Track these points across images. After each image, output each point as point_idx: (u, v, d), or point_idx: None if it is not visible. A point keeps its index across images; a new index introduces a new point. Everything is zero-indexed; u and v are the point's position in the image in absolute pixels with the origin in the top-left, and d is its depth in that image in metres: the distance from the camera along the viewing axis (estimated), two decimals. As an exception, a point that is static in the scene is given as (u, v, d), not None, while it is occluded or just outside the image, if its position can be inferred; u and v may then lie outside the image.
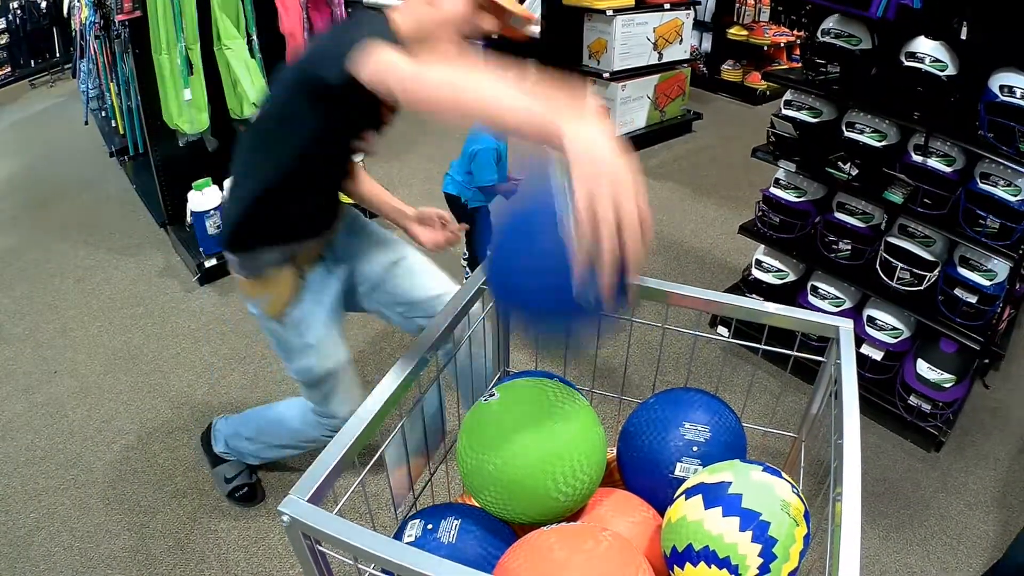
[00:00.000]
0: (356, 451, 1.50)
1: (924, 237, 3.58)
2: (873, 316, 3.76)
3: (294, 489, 1.39)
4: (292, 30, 4.60)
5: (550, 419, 1.63)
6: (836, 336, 1.88)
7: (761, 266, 4.16)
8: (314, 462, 1.44)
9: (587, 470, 1.65)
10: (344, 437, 1.50)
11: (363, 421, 1.54)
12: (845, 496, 1.41)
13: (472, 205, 4.38)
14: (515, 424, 1.62)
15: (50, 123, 8.39)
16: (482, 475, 1.63)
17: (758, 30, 8.64)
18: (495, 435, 1.62)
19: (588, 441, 1.67)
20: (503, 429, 1.62)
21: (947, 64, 3.25)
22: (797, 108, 3.82)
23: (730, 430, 1.89)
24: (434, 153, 6.97)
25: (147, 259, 5.22)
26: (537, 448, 1.60)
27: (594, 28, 6.66)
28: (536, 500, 1.61)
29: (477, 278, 1.98)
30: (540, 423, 1.62)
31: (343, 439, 1.49)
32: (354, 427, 1.52)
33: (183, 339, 4.33)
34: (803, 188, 3.96)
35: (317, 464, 1.44)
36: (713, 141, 7.50)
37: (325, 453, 1.46)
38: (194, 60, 4.41)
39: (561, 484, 1.60)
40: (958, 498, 3.33)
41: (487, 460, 1.61)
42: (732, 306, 1.98)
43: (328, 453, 1.47)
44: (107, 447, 3.57)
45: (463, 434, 1.70)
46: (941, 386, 3.51)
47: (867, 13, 3.23)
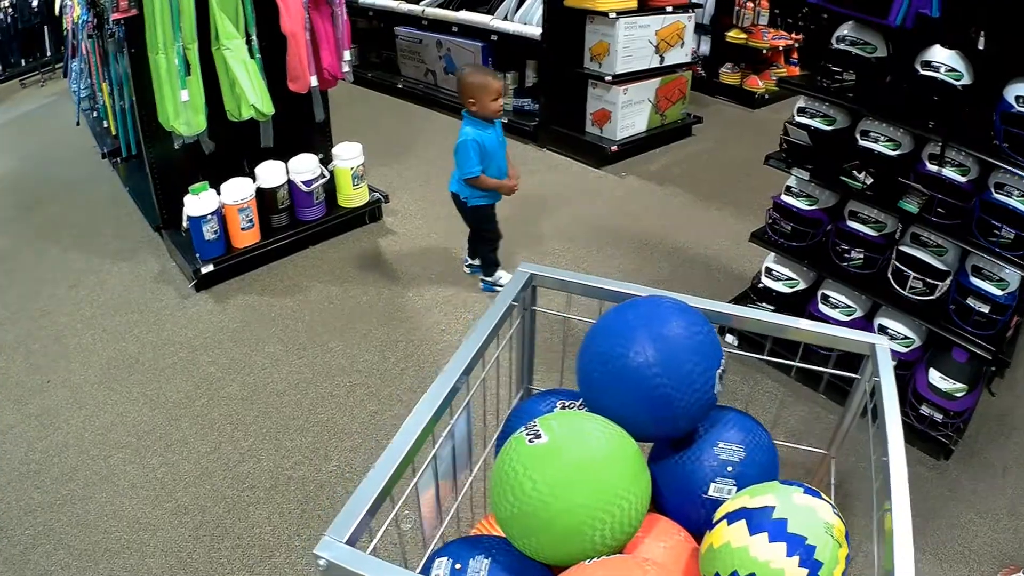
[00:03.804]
0: (392, 487, 1.44)
1: (936, 246, 3.52)
2: (884, 325, 3.71)
3: (330, 530, 1.33)
4: (293, 30, 4.53)
5: (603, 467, 1.58)
6: (872, 353, 1.87)
7: (771, 274, 4.11)
8: (350, 499, 1.38)
9: (638, 518, 1.61)
10: (379, 473, 1.43)
11: (399, 453, 1.49)
12: (895, 511, 1.44)
13: (471, 203, 4.39)
14: (567, 473, 1.55)
15: (40, 124, 8.30)
16: (525, 524, 1.56)
17: (757, 33, 8.58)
18: (546, 484, 1.54)
19: (640, 487, 1.62)
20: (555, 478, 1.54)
21: (962, 73, 3.20)
22: (811, 115, 3.74)
23: (764, 448, 1.86)
24: (434, 156, 6.94)
25: (141, 264, 5.14)
26: (591, 500, 1.53)
27: (596, 31, 6.59)
28: (582, 548, 1.55)
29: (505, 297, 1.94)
30: (594, 471, 1.56)
31: (379, 476, 1.43)
32: (390, 461, 1.45)
33: (179, 348, 4.25)
34: (815, 196, 3.90)
35: (354, 502, 1.39)
36: (712, 145, 7.45)
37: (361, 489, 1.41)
38: (191, 60, 4.31)
39: (615, 533, 1.55)
40: (968, 507, 3.28)
41: (534, 511, 1.54)
42: (764, 322, 1.97)
43: (364, 490, 1.41)
44: (104, 461, 3.49)
45: (504, 479, 1.60)
46: (953, 395, 3.46)
47: (886, 21, 3.16)
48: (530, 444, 1.60)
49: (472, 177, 4.25)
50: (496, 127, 4.35)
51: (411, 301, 4.67)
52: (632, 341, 1.73)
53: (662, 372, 1.69)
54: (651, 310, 1.82)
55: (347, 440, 3.57)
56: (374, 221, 5.64)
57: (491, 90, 4.18)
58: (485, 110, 4.21)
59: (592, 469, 1.55)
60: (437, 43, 8.11)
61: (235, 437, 3.61)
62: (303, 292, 4.77)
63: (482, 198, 4.43)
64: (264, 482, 3.35)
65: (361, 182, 5.40)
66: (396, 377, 3.98)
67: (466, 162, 4.23)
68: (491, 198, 4.47)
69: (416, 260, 5.16)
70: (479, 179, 4.27)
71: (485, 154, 4.25)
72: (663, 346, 1.72)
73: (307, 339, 4.29)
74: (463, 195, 4.41)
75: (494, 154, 4.31)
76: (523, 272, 2.10)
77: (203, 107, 4.44)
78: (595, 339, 1.84)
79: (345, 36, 4.91)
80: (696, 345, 1.74)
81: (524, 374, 2.29)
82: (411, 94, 8.63)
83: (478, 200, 4.42)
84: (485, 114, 4.23)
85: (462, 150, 4.23)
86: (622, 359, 1.73)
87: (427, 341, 4.27)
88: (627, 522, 1.56)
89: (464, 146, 4.21)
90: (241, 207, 4.73)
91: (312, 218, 5.22)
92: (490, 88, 4.17)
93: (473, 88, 4.19)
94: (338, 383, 3.94)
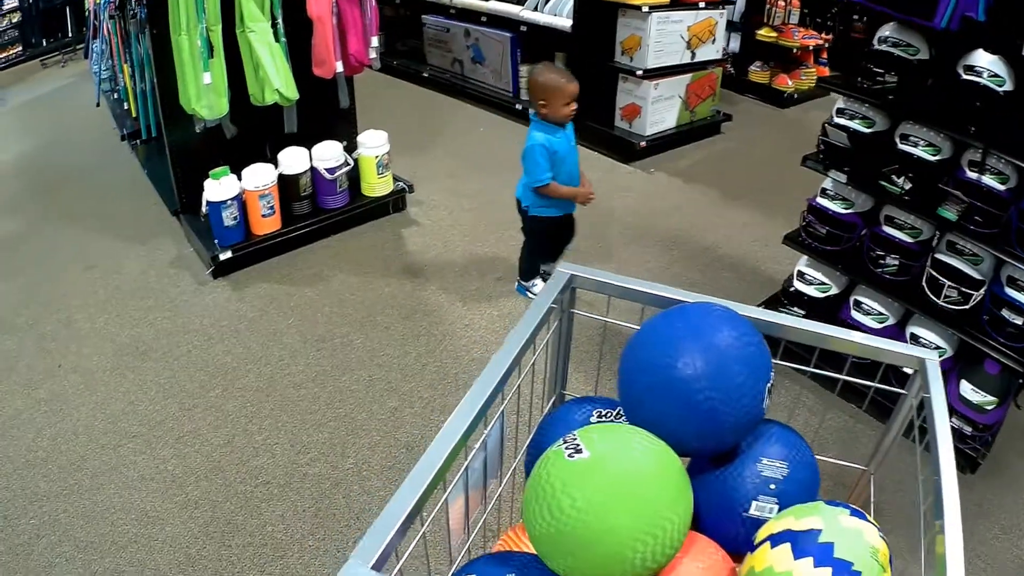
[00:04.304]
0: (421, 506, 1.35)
1: (972, 255, 3.42)
2: (917, 334, 3.62)
3: (356, 553, 1.23)
4: (320, 14, 4.46)
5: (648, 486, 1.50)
6: (921, 368, 1.81)
7: (803, 278, 4.01)
8: (378, 518, 1.28)
9: (680, 539, 1.52)
10: (409, 492, 1.34)
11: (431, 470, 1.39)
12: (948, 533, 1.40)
13: (532, 212, 4.21)
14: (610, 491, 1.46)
15: (60, 104, 8.24)
16: (562, 544, 1.47)
17: (787, 32, 8.50)
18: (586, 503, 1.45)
19: (685, 507, 1.54)
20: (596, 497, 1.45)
21: (1005, 79, 3.11)
22: (850, 117, 3.63)
23: (806, 465, 1.78)
24: (457, 150, 6.88)
25: (158, 249, 5.06)
26: (635, 521, 1.45)
27: (628, 24, 6.49)
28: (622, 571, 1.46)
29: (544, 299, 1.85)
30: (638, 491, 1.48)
31: (408, 495, 1.33)
32: (420, 479, 1.36)
33: (195, 336, 4.17)
34: (851, 199, 3.80)
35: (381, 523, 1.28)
36: (741, 143, 7.36)
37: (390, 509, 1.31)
38: (215, 42, 4.23)
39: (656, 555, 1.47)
40: (993, 522, 3.20)
41: (572, 530, 1.45)
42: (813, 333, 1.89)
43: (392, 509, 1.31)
44: (113, 450, 3.42)
45: (541, 494, 1.51)
46: (984, 408, 3.38)
47: (931, 23, 3.05)
48: (570, 459, 1.51)
49: (541, 185, 4.04)
50: (568, 131, 4.12)
51: (434, 294, 4.59)
52: (680, 351, 1.65)
53: (710, 385, 1.61)
54: (701, 318, 1.73)
55: (365, 437, 3.49)
56: (398, 211, 5.56)
57: (565, 93, 3.91)
58: (556, 114, 3.94)
59: (636, 488, 1.47)
60: (465, 32, 8.02)
61: (249, 430, 3.53)
62: (323, 282, 4.69)
63: (544, 208, 4.21)
64: (278, 478, 3.27)
65: (386, 171, 5.32)
66: (417, 373, 3.90)
67: (535, 168, 4.01)
68: (557, 209, 4.26)
69: (440, 252, 5.08)
70: (549, 187, 4.04)
71: (555, 160, 4.02)
72: (713, 357, 1.63)
73: (326, 331, 4.21)
74: (525, 202, 4.22)
75: (565, 159, 4.07)
76: (563, 273, 2.01)
77: (226, 90, 4.37)
78: (640, 347, 1.75)
79: (373, 22, 4.83)
80: (747, 357, 1.66)
81: (558, 379, 2.21)
82: (437, 83, 8.55)
83: (540, 211, 4.21)
84: (556, 118, 3.97)
85: (530, 155, 3.99)
86: (669, 370, 1.64)
87: (450, 336, 4.19)
88: (669, 544, 1.48)
89: (532, 151, 3.98)
90: (262, 193, 4.66)
91: (335, 206, 5.14)
92: (564, 91, 3.91)
93: (545, 89, 3.93)
94: (357, 377, 3.86)
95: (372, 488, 3.22)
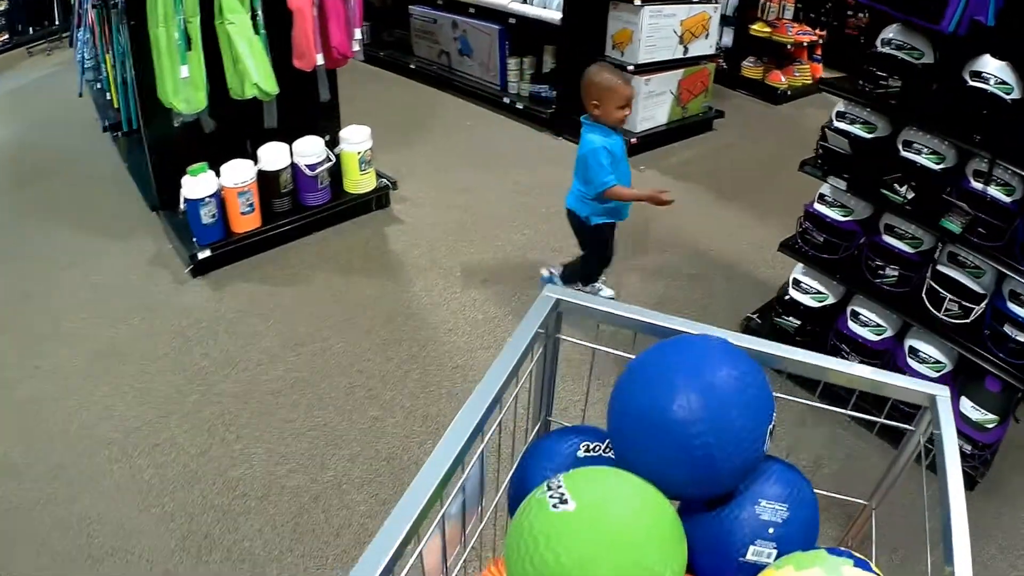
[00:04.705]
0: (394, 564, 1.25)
1: (974, 267, 3.34)
2: (916, 347, 3.53)
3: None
4: (300, 6, 4.35)
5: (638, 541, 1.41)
6: (931, 404, 1.72)
7: (799, 286, 3.92)
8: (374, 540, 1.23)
9: None
10: (381, 548, 1.24)
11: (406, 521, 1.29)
12: None
13: (594, 222, 4.05)
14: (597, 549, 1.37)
15: (45, 93, 8.10)
16: None
17: (781, 27, 8.45)
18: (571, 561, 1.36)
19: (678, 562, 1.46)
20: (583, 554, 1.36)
21: (1013, 87, 3.01)
22: (850, 121, 3.53)
23: (806, 504, 1.67)
24: (443, 144, 6.80)
25: (137, 245, 4.94)
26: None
27: (619, 18, 6.41)
28: None
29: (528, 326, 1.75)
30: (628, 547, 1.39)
31: (380, 551, 1.23)
32: (392, 535, 1.26)
33: (173, 337, 4.07)
34: (850, 207, 3.70)
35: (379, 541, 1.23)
36: (734, 141, 7.29)
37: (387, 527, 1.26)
38: (193, 34, 4.12)
39: None
40: (990, 541, 3.15)
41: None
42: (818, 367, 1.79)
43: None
44: (89, 458, 3.33)
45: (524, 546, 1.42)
46: (984, 427, 3.31)
47: (938, 27, 2.94)
48: (555, 510, 1.41)
49: (606, 188, 3.85)
50: (620, 135, 3.96)
51: (417, 297, 4.49)
52: (675, 391, 1.52)
53: (707, 430, 1.49)
54: (697, 354, 1.61)
55: (345, 448, 3.40)
56: (381, 208, 5.45)
57: (620, 95, 3.77)
58: (609, 117, 3.81)
59: (626, 545, 1.38)
60: (452, 24, 7.88)
61: (227, 439, 3.44)
62: (303, 282, 4.59)
63: (605, 216, 4.06)
64: (256, 490, 3.19)
65: (368, 167, 5.22)
66: (399, 380, 3.80)
67: (599, 172, 3.81)
68: (615, 215, 4.10)
69: (424, 252, 4.97)
70: (613, 189, 3.85)
71: (614, 161, 3.88)
72: (711, 399, 1.51)
73: (306, 334, 4.11)
74: (584, 213, 4.03)
75: (620, 163, 3.93)
76: (548, 297, 1.89)
77: (204, 84, 4.26)
78: (631, 385, 1.63)
79: (357, 13, 4.73)
80: (748, 399, 1.54)
81: (543, 405, 2.10)
82: (424, 75, 8.42)
83: (601, 218, 4.05)
84: (609, 121, 3.83)
85: (592, 159, 3.81)
86: (662, 412, 1.52)
87: (433, 342, 4.09)
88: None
89: (595, 154, 3.80)
90: (241, 190, 4.54)
91: (316, 203, 5.03)
92: (619, 93, 3.77)
93: (599, 90, 3.79)
94: (337, 384, 3.77)
95: (352, 503, 3.14)
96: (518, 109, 7.34)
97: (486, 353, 4.00)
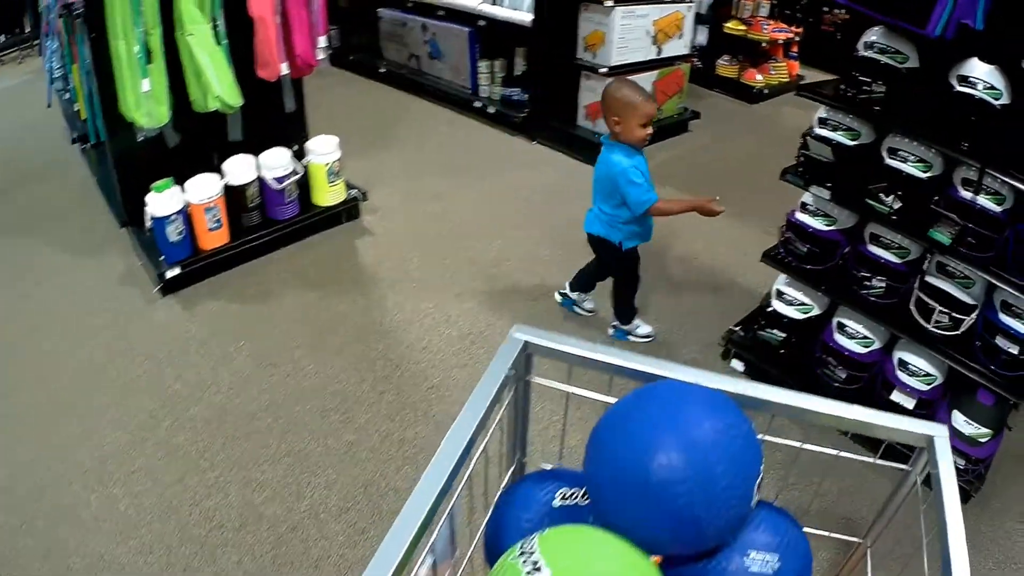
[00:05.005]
0: None
1: (964, 277, 3.24)
2: (905, 360, 3.43)
3: None
4: (262, 14, 4.22)
5: None
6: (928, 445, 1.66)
7: (783, 298, 3.83)
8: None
9: None
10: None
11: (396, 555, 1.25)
12: None
13: (627, 246, 3.89)
14: None
15: (14, 103, 7.97)
16: None
17: (756, 25, 8.42)
18: None
19: None
20: None
21: (1002, 92, 2.91)
22: (833, 128, 3.43)
23: (798, 552, 1.58)
24: (414, 150, 6.72)
25: (107, 262, 4.82)
26: None
27: (591, 19, 6.32)
28: None
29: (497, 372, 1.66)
30: None
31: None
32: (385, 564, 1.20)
33: (144, 360, 3.96)
34: (833, 215, 3.60)
35: None
36: (710, 142, 7.23)
37: None
38: (153, 47, 4.00)
39: None
40: (986, 556, 3.09)
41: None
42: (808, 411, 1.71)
43: None
44: (67, 487, 3.24)
45: None
46: (977, 441, 3.23)
47: (923, 31, 2.82)
48: (528, 579, 1.31)
49: (652, 205, 3.66)
50: (643, 155, 3.75)
51: (389, 312, 4.39)
52: (655, 448, 1.41)
53: (691, 489, 1.38)
54: (679, 405, 1.50)
55: (321, 475, 3.31)
56: (351, 220, 5.35)
57: (641, 112, 3.57)
58: (631, 135, 3.61)
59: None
60: (422, 27, 7.79)
61: (201, 467, 3.34)
62: (274, 299, 4.49)
63: (636, 239, 3.90)
64: (233, 520, 3.10)
65: (337, 178, 5.11)
66: (374, 402, 3.71)
67: (638, 191, 3.64)
68: (645, 236, 3.94)
69: (396, 264, 4.88)
70: (657, 206, 3.67)
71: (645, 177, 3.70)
72: (694, 456, 1.40)
73: (277, 354, 4.01)
74: (617, 239, 3.86)
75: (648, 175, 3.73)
76: (517, 339, 1.78)
77: (167, 98, 4.15)
78: (608, 441, 1.52)
79: (321, 20, 4.62)
80: (734, 454, 1.43)
81: (517, 447, 1.99)
82: (394, 79, 8.31)
83: (632, 241, 3.89)
84: (630, 139, 3.63)
85: (624, 179, 3.63)
86: (643, 471, 1.41)
87: (407, 360, 4.00)
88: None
89: (626, 174, 3.62)
90: (208, 206, 4.42)
91: (285, 217, 4.92)
92: (640, 110, 3.57)
93: (620, 106, 3.60)
94: (311, 407, 3.66)
95: (330, 533, 3.06)
96: (490, 113, 7.26)
97: (462, 372, 3.91)
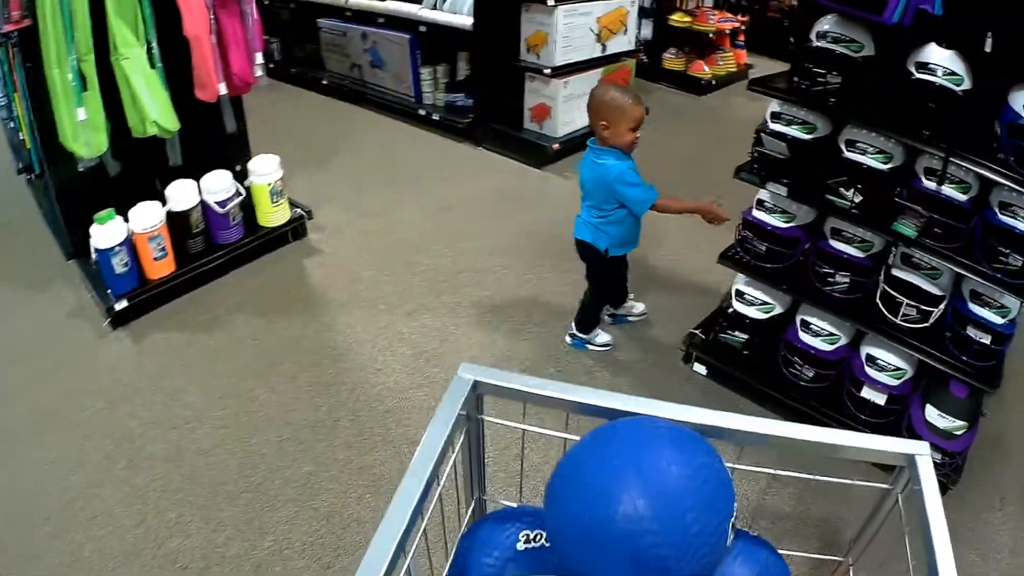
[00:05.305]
0: None
1: (930, 268, 3.20)
2: (873, 355, 3.38)
3: None
4: (196, 33, 4.09)
5: None
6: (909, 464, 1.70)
7: (743, 298, 3.75)
8: None
9: None
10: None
11: None
12: None
13: (613, 253, 3.84)
14: None
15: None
16: None
17: (702, 16, 8.42)
18: None
19: None
20: None
21: (963, 77, 2.83)
22: (787, 122, 3.36)
23: None
24: (359, 163, 6.63)
25: (56, 295, 4.68)
26: None
27: (532, 20, 6.26)
28: None
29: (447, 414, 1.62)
30: None
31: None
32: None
33: (97, 397, 3.82)
34: (791, 212, 3.54)
35: None
36: (659, 136, 7.04)
37: None
38: (88, 74, 3.88)
39: None
40: (968, 548, 3.05)
41: None
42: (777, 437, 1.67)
43: None
44: (30, 533, 3.12)
45: None
46: (952, 434, 3.18)
47: (881, 19, 2.75)
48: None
49: (655, 201, 3.60)
50: (632, 160, 3.68)
51: (341, 334, 4.30)
52: (619, 496, 1.33)
53: (660, 539, 1.31)
54: (642, 447, 1.42)
55: (282, 509, 3.21)
56: (298, 239, 5.24)
57: (630, 116, 3.50)
58: (619, 140, 3.55)
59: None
60: (362, 35, 7.69)
61: (160, 507, 3.23)
62: (223, 327, 4.37)
63: (624, 247, 3.87)
64: (196, 562, 3.00)
65: (281, 198, 5.00)
66: (330, 430, 3.62)
67: (637, 190, 3.58)
68: (632, 244, 3.91)
69: (346, 284, 4.78)
70: (661, 202, 3.62)
71: None
72: (659, 499, 1.32)
73: (229, 385, 3.90)
74: (604, 245, 3.82)
75: None
76: (464, 379, 1.70)
77: (104, 125, 4.03)
78: (569, 489, 1.44)
79: (257, 36, 4.49)
80: (704, 497, 1.36)
81: (475, 485, 1.93)
82: (337, 90, 8.23)
83: (620, 250, 3.86)
84: (619, 144, 3.57)
85: (620, 182, 3.57)
86: (607, 521, 1.33)
87: (362, 384, 3.91)
88: None
89: (623, 175, 3.56)
90: (152, 235, 4.30)
91: (230, 241, 4.80)
92: (629, 114, 3.50)
93: (608, 110, 3.53)
94: (266, 439, 3.56)
95: (295, 570, 2.96)
96: (434, 120, 7.21)
97: (418, 392, 3.83)
